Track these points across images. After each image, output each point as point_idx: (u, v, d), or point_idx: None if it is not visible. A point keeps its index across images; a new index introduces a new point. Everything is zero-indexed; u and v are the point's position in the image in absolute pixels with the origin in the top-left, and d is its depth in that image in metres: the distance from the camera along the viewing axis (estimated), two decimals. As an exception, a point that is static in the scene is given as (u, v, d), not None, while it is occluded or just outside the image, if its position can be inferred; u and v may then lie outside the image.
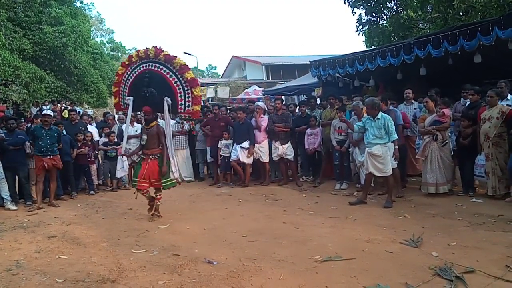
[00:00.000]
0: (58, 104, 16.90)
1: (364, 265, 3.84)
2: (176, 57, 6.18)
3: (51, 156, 7.13)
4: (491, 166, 6.08)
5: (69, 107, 15.51)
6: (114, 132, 8.95)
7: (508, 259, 3.75)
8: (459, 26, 7.87)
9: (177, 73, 6.15)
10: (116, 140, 8.79)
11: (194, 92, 6.22)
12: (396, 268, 3.72)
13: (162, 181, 5.99)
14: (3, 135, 7.07)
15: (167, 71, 6.14)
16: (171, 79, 6.13)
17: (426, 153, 6.54)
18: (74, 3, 21.62)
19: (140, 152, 6.27)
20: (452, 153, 6.67)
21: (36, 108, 15.25)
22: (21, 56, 16.07)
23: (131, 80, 6.38)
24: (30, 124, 9.45)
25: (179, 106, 6.24)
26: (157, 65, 6.15)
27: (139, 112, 7.99)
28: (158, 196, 6.11)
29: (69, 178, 8.07)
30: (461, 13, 12.88)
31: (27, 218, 6.40)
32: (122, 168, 7.59)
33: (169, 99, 6.09)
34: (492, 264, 3.65)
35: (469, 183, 6.59)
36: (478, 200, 6.13)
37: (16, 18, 17.00)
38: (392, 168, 6.27)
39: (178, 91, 6.19)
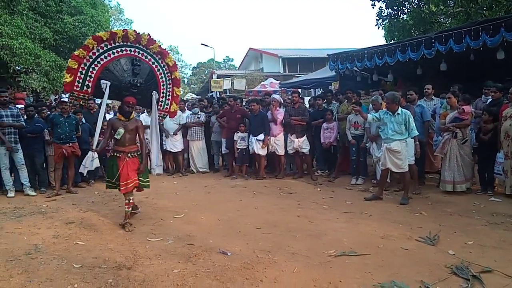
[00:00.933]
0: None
1: (379, 261, 3.82)
2: (169, 52, 6.04)
3: (70, 144, 7.25)
4: (510, 165, 5.95)
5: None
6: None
7: (528, 260, 3.69)
8: (482, 21, 7.71)
9: (164, 69, 5.97)
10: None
11: (177, 92, 6.15)
12: (412, 265, 3.68)
13: (140, 179, 5.34)
14: (23, 123, 7.19)
15: (156, 64, 5.89)
16: (158, 73, 5.93)
17: (445, 150, 6.44)
18: (94, -7, 21.76)
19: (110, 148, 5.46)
20: (473, 151, 6.56)
21: (55, 96, 15.48)
22: (41, 45, 16.30)
23: (105, 61, 5.51)
24: (49, 111, 9.59)
25: (159, 103, 6.03)
26: (146, 55, 5.78)
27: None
28: (132, 201, 5.22)
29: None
30: (484, 8, 12.61)
31: (45, 204, 6.53)
32: (92, 163, 5.55)
33: (157, 94, 5.87)
34: (510, 264, 3.59)
35: (489, 182, 6.47)
36: (497, 199, 6.02)
37: (37, 7, 17.21)
38: (409, 165, 6.20)
39: (162, 87, 6.01)
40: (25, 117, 7.52)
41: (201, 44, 37.00)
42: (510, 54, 7.30)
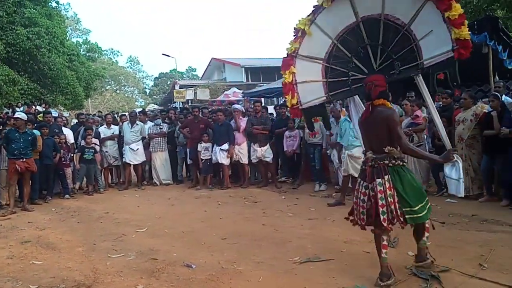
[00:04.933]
0: (33, 106, 16.52)
1: (342, 266, 3.88)
2: None
3: (24, 159, 6.96)
4: (464, 167, 6.20)
5: (44, 109, 15.17)
6: (90, 134, 8.75)
7: (482, 258, 3.84)
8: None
9: None
10: (93, 142, 8.65)
11: None
12: (374, 268, 3.74)
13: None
14: None
15: None
16: None
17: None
18: (50, 4, 21.09)
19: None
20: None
21: (9, 109, 14.85)
22: (-7, 57, 15.65)
23: None
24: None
25: None
26: None
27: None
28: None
29: (48, 181, 7.92)
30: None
31: (-1, 223, 6.21)
32: None
33: None
34: (467, 262, 3.73)
35: (446, 184, 6.71)
36: (452, 200, 6.26)
37: (-13, 18, 16.55)
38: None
39: None
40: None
41: (163, 54, 36.39)
42: (460, 62, 7.65)
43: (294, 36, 4.16)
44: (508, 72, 8.59)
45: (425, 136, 6.84)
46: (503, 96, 6.55)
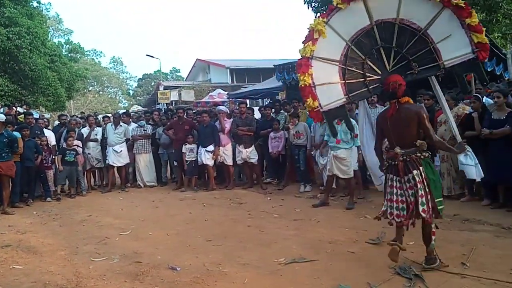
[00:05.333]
0: (14, 108, 16.19)
1: (327, 266, 3.90)
2: None
3: None
4: (446, 168, 6.33)
5: (25, 111, 14.88)
6: (72, 136, 8.61)
7: (464, 257, 3.92)
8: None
9: None
10: (75, 144, 8.50)
11: None
12: (358, 268, 3.79)
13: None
14: None
15: None
16: None
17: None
18: (31, 3, 20.68)
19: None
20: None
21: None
22: (-29, 58, 15.28)
23: None
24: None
25: None
26: None
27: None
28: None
29: (30, 184, 7.76)
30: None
31: (-23, 227, 6.06)
32: None
33: None
34: (449, 261, 3.78)
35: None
36: (435, 200, 6.35)
37: (-34, 17, 16.16)
38: (354, 170, 6.41)
39: None
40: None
41: (147, 55, 36.26)
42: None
43: (307, 38, 4.20)
44: (488, 74, 8.79)
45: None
46: (484, 98, 6.69)
